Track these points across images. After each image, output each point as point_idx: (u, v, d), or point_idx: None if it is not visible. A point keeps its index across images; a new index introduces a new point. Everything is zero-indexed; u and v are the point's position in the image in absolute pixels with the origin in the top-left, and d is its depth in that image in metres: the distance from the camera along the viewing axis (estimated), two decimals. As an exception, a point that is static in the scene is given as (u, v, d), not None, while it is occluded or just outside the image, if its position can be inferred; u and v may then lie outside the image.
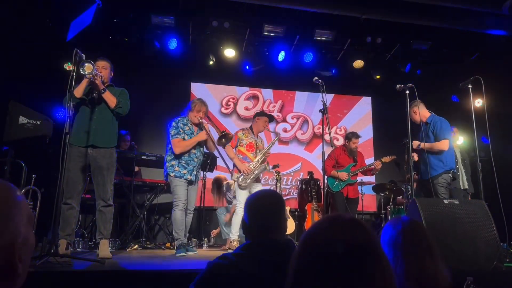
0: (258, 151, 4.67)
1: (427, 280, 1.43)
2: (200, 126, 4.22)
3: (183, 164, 4.06)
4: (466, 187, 4.75)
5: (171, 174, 4.03)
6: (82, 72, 3.27)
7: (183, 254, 3.82)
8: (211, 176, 5.93)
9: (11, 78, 4.96)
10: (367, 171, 5.31)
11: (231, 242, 4.58)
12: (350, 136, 5.25)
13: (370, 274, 0.79)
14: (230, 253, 1.48)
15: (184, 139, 4.10)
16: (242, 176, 4.48)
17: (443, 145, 4.22)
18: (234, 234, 4.56)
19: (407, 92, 4.01)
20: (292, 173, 7.04)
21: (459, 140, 5.57)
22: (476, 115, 3.88)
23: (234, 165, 4.59)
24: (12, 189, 0.85)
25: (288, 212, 5.62)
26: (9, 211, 0.80)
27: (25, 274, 0.84)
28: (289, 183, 6.97)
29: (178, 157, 4.05)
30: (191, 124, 4.20)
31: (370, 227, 0.88)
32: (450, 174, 4.20)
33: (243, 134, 4.69)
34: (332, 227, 0.86)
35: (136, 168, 5.69)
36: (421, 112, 4.48)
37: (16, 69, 5.07)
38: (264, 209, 1.54)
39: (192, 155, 4.12)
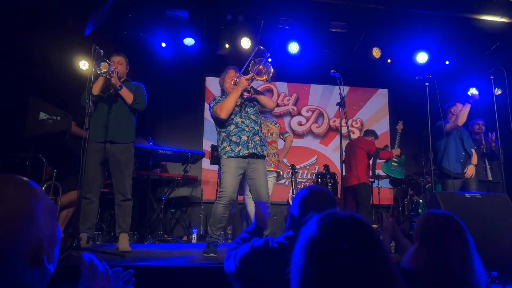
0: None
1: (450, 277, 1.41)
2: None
3: (234, 140, 3.37)
4: (491, 178, 4.70)
5: (224, 157, 3.36)
6: (98, 71, 3.31)
7: (213, 254, 3.22)
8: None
9: (31, 74, 5.05)
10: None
11: None
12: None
13: (375, 274, 0.74)
14: (272, 238, 1.56)
15: None
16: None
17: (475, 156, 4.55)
18: None
19: (427, 84, 3.93)
20: (307, 167, 7.01)
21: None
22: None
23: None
24: (32, 189, 0.83)
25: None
26: (30, 214, 0.79)
27: (54, 267, 0.86)
28: (304, 177, 6.95)
29: (228, 135, 3.41)
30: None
31: (369, 223, 0.82)
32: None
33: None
34: (331, 227, 0.80)
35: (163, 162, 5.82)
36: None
37: (36, 65, 5.15)
38: (318, 209, 1.61)
39: (241, 124, 3.41)
